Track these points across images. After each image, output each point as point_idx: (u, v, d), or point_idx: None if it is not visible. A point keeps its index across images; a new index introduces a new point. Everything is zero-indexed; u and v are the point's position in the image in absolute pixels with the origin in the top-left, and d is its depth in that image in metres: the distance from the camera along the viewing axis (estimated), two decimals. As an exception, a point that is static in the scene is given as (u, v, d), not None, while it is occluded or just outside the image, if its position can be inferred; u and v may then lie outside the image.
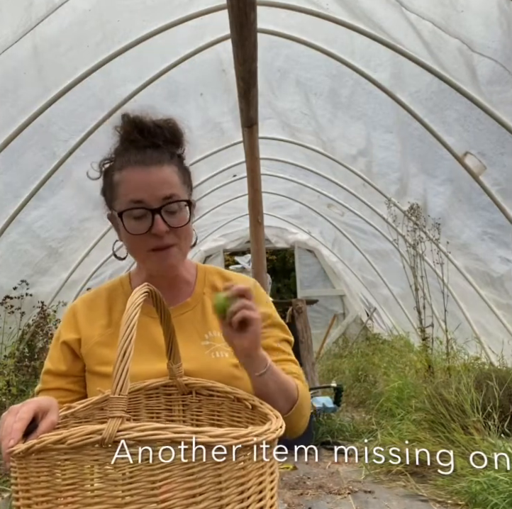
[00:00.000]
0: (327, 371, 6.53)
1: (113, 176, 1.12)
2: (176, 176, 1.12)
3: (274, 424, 0.82)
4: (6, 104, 3.27)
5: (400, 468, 3.23)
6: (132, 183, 1.08)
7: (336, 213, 7.27)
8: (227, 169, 6.12)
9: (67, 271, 5.13)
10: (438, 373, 4.62)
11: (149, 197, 1.07)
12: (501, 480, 2.58)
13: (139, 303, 0.80)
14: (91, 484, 0.70)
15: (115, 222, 1.16)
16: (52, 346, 1.20)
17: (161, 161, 1.10)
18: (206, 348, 1.15)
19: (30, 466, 0.73)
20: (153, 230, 1.06)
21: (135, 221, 1.08)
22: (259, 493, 0.78)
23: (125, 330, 0.75)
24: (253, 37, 2.42)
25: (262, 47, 2.78)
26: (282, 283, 14.58)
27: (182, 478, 0.71)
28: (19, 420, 0.82)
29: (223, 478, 0.73)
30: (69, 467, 0.71)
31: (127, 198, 1.08)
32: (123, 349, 0.74)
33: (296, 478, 3.40)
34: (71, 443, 0.70)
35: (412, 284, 5.19)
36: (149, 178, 1.08)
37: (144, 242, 1.09)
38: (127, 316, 0.77)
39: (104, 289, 1.24)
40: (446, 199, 4.63)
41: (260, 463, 0.78)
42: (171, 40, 3.66)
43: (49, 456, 0.71)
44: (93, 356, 1.14)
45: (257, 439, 0.75)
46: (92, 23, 3.18)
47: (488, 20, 2.93)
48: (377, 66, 3.89)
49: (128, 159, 1.10)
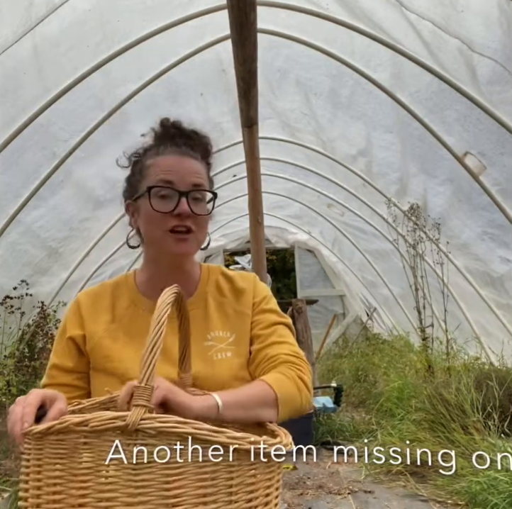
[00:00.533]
0: (327, 371, 6.53)
1: (146, 161, 1.17)
2: (205, 174, 1.18)
3: (285, 439, 0.82)
4: (6, 104, 3.27)
5: (400, 468, 3.23)
6: (166, 165, 1.13)
7: (336, 213, 7.26)
8: (227, 169, 6.12)
9: (67, 271, 5.12)
10: (438, 373, 4.62)
11: (179, 180, 1.12)
12: (501, 480, 2.58)
13: (170, 302, 0.82)
14: (106, 470, 0.70)
15: (134, 207, 1.19)
16: (58, 340, 1.20)
17: (195, 156, 1.16)
18: (208, 349, 1.14)
19: (47, 447, 0.73)
20: (177, 210, 1.10)
21: (161, 200, 1.12)
22: (265, 504, 0.78)
23: (155, 325, 0.77)
24: (253, 37, 2.42)
25: (262, 47, 2.78)
26: (282, 283, 14.58)
27: (195, 476, 0.71)
28: (28, 405, 0.83)
29: (234, 482, 0.73)
30: (88, 451, 0.71)
31: (157, 177, 1.12)
32: (153, 342, 0.75)
33: (296, 478, 3.40)
34: (94, 426, 0.70)
35: (412, 284, 5.19)
36: (182, 164, 1.14)
37: (164, 222, 1.11)
38: (158, 313, 0.79)
39: (109, 284, 1.24)
40: (446, 199, 4.63)
41: (268, 475, 0.78)
42: (171, 40, 3.66)
43: (68, 438, 0.72)
44: (98, 353, 1.14)
45: (271, 448, 0.76)
46: (92, 23, 3.18)
47: (488, 20, 2.92)
48: (377, 66, 3.89)
49: (164, 148, 1.17)
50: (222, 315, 1.20)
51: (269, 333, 1.17)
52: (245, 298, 1.22)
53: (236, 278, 1.26)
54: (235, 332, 1.17)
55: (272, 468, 0.79)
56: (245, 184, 3.57)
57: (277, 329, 1.19)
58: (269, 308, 1.22)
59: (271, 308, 1.23)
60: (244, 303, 1.21)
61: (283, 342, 1.16)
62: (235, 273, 1.29)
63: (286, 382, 1.07)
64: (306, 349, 4.96)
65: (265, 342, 1.16)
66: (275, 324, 1.19)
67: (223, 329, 1.17)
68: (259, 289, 1.24)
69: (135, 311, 1.18)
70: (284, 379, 1.07)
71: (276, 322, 1.20)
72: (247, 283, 1.24)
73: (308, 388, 1.11)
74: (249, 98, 3.00)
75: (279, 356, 1.12)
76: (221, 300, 1.22)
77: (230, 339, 1.16)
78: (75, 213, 4.61)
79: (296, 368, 1.11)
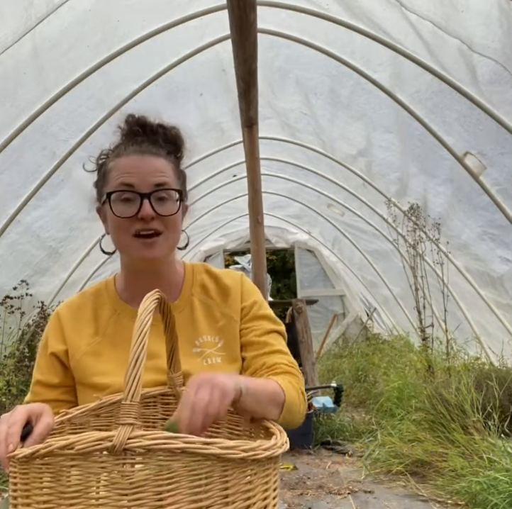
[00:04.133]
0: (327, 371, 6.53)
1: (108, 164, 1.12)
2: (171, 171, 1.11)
3: (280, 439, 0.80)
4: (6, 104, 3.27)
5: (400, 468, 3.23)
6: (125, 167, 1.08)
7: (336, 213, 7.27)
8: (227, 169, 6.12)
9: (67, 271, 5.13)
10: (438, 373, 4.62)
11: (140, 182, 1.06)
12: (500, 480, 2.58)
13: (151, 310, 0.79)
14: (96, 492, 0.68)
15: (103, 213, 1.15)
16: (40, 354, 1.17)
17: (157, 153, 1.10)
18: (197, 356, 1.12)
19: (33, 471, 0.70)
20: (140, 214, 1.05)
21: (123, 204, 1.07)
22: (264, 508, 0.77)
23: (137, 337, 0.74)
24: (253, 37, 2.42)
25: (262, 47, 2.78)
26: (282, 283, 14.59)
27: (189, 490, 0.69)
28: (13, 424, 0.79)
29: (230, 492, 0.72)
30: (75, 474, 0.68)
31: (117, 181, 1.07)
32: (136, 356, 0.72)
33: (296, 478, 3.40)
34: (80, 449, 0.68)
35: (412, 284, 5.19)
36: (142, 164, 1.08)
37: (129, 226, 1.07)
38: (139, 322, 0.76)
39: (90, 294, 1.20)
40: (446, 199, 4.63)
41: (266, 478, 0.77)
42: (171, 40, 3.66)
43: (55, 461, 0.69)
44: (83, 369, 1.11)
45: (266, 453, 0.74)
46: (92, 23, 3.18)
47: (488, 20, 2.92)
48: (377, 66, 3.89)
49: (124, 148, 1.11)
50: (209, 318, 1.17)
51: (264, 341, 1.15)
52: (231, 300, 1.18)
53: (221, 276, 1.22)
54: (223, 338, 1.14)
55: (268, 471, 0.77)
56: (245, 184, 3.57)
57: (271, 337, 1.16)
58: (262, 314, 1.19)
59: (265, 313, 1.19)
60: (231, 306, 1.18)
61: (278, 351, 1.14)
62: (220, 271, 1.25)
63: (293, 391, 1.07)
64: (306, 349, 4.96)
65: (261, 350, 1.13)
66: (269, 332, 1.17)
67: (211, 334, 1.15)
68: (247, 290, 1.20)
69: (118, 320, 1.15)
70: (291, 388, 1.06)
71: (270, 331, 1.17)
72: (233, 282, 1.20)
73: (305, 401, 1.12)
74: (249, 98, 3.00)
75: (279, 366, 1.11)
76: (208, 301, 1.18)
77: (219, 345, 1.14)
78: (75, 213, 4.61)
79: (297, 380, 1.10)
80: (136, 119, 1.14)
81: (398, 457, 3.32)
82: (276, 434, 0.84)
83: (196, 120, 4.74)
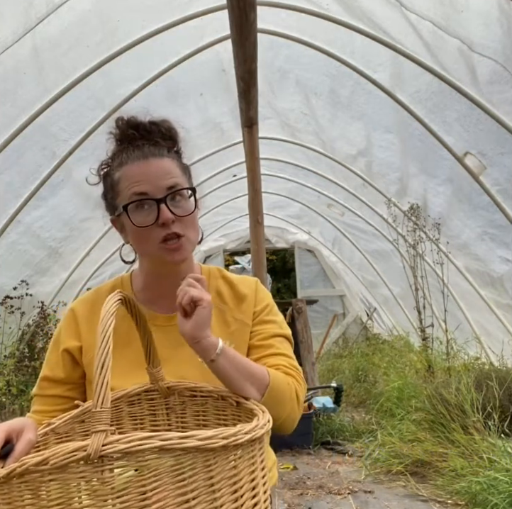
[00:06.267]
0: (327, 371, 6.53)
1: (113, 175, 1.10)
2: (177, 168, 1.11)
3: (262, 420, 0.80)
4: (6, 104, 3.27)
5: (400, 468, 3.23)
6: (134, 176, 1.06)
7: (336, 213, 7.27)
8: (227, 169, 6.12)
9: (67, 271, 5.13)
10: (438, 373, 4.62)
11: (152, 188, 1.05)
12: (500, 480, 2.58)
13: (113, 312, 0.78)
14: (79, 502, 0.68)
15: (119, 224, 1.14)
16: (51, 350, 1.16)
17: (160, 153, 1.09)
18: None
19: (13, 491, 0.69)
20: (160, 220, 1.04)
21: (141, 214, 1.06)
22: (252, 489, 0.77)
23: (101, 341, 0.73)
24: (253, 37, 2.42)
25: (262, 47, 2.78)
26: (282, 283, 14.59)
27: (173, 485, 0.69)
28: None
29: (215, 480, 0.72)
30: (55, 487, 0.68)
31: (130, 192, 1.06)
32: (101, 361, 0.72)
33: (296, 478, 3.40)
34: (55, 463, 0.67)
35: (412, 284, 5.19)
36: (150, 169, 1.06)
37: (153, 235, 1.06)
38: (102, 326, 0.75)
39: (105, 290, 1.20)
40: (446, 199, 4.63)
41: (251, 460, 0.77)
42: (171, 40, 3.66)
43: (32, 478, 0.68)
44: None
45: (247, 436, 0.74)
46: (92, 23, 3.18)
47: (488, 20, 2.92)
48: (377, 66, 3.89)
49: (126, 156, 1.09)
50: (222, 324, 1.17)
51: (268, 345, 1.15)
52: (245, 306, 1.18)
53: (238, 283, 1.22)
54: (234, 342, 1.14)
55: (253, 453, 0.77)
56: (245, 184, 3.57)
57: (276, 341, 1.16)
58: (269, 319, 1.19)
59: (272, 318, 1.19)
60: (244, 311, 1.18)
61: (282, 354, 1.14)
62: (236, 277, 1.25)
63: (284, 384, 1.06)
64: (306, 349, 4.96)
65: (264, 353, 1.13)
66: (275, 336, 1.17)
67: (223, 338, 1.13)
68: (260, 297, 1.21)
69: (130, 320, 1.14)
70: (283, 380, 1.06)
71: (276, 335, 1.17)
72: (249, 290, 1.21)
73: (299, 406, 1.10)
74: (249, 98, 3.00)
75: (279, 367, 1.10)
76: (222, 307, 1.18)
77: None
78: (75, 213, 4.61)
79: (295, 382, 1.09)
80: (126, 122, 1.11)
81: (398, 457, 3.32)
82: (258, 415, 0.84)
83: (196, 120, 4.75)
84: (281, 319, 1.22)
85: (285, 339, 1.18)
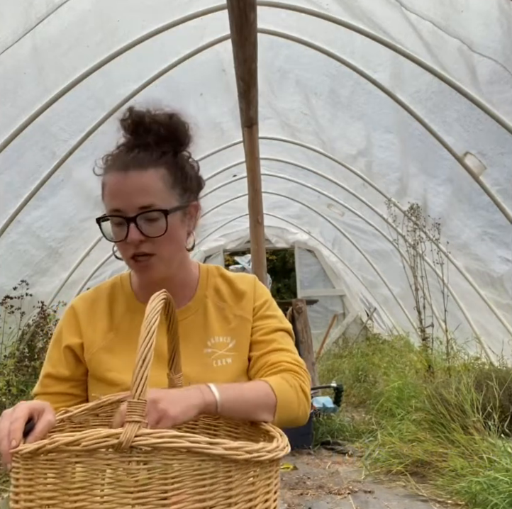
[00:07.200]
0: (327, 371, 6.53)
1: (103, 176, 1.10)
2: (161, 182, 1.06)
3: (282, 442, 0.80)
4: (6, 104, 3.27)
5: (400, 468, 3.23)
6: (111, 189, 1.06)
7: (336, 213, 7.27)
8: (227, 169, 6.12)
9: (67, 271, 5.13)
10: (438, 373, 4.62)
11: (125, 206, 1.04)
12: (500, 480, 2.58)
13: (158, 310, 0.79)
14: (101, 489, 0.68)
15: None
16: (52, 347, 1.17)
17: (144, 164, 1.05)
18: (208, 356, 1.12)
19: (37, 467, 0.70)
20: (128, 239, 1.04)
21: (115, 228, 1.07)
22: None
23: (145, 336, 0.74)
24: (253, 37, 2.42)
25: (262, 47, 2.78)
26: (282, 283, 14.59)
27: (193, 490, 0.69)
28: (15, 420, 0.79)
29: (233, 493, 0.72)
30: (80, 470, 0.68)
31: (108, 207, 1.08)
32: (143, 355, 0.73)
33: (296, 478, 3.40)
34: (86, 445, 0.68)
35: (412, 284, 5.19)
36: (126, 184, 1.04)
37: (125, 250, 1.07)
38: (147, 322, 0.76)
39: (105, 288, 1.21)
40: (446, 199, 4.63)
41: (267, 480, 0.77)
42: (171, 40, 3.66)
43: (60, 457, 0.69)
44: (98, 363, 1.11)
45: (269, 455, 0.74)
46: (92, 23, 3.18)
47: (488, 20, 2.93)
48: (377, 66, 3.89)
49: (114, 161, 1.08)
50: (222, 320, 1.17)
51: (270, 340, 1.15)
52: (245, 302, 1.19)
53: (236, 280, 1.22)
54: (235, 338, 1.15)
55: (271, 473, 0.78)
56: (245, 184, 3.57)
57: (278, 336, 1.16)
58: (270, 314, 1.19)
59: (272, 313, 1.20)
60: (244, 308, 1.18)
61: (284, 349, 1.14)
62: (234, 275, 1.25)
63: (288, 390, 1.06)
64: (306, 349, 4.96)
65: (266, 349, 1.13)
66: (276, 330, 1.17)
67: (223, 335, 1.15)
68: (259, 293, 1.21)
69: (132, 318, 1.15)
70: (286, 386, 1.06)
71: (277, 329, 1.17)
72: (248, 286, 1.21)
73: (308, 400, 1.10)
74: (249, 98, 3.00)
75: (281, 364, 1.10)
76: (221, 304, 1.19)
77: (230, 345, 1.14)
78: (75, 213, 4.61)
79: (298, 378, 1.09)
80: (132, 115, 1.09)
81: (398, 457, 3.32)
82: (277, 437, 0.84)
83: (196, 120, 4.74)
84: (281, 314, 1.23)
85: (286, 333, 1.19)
